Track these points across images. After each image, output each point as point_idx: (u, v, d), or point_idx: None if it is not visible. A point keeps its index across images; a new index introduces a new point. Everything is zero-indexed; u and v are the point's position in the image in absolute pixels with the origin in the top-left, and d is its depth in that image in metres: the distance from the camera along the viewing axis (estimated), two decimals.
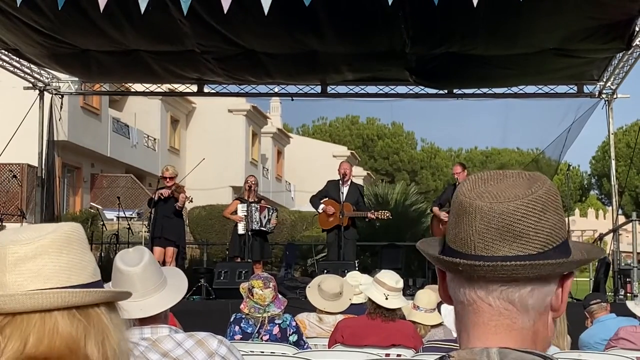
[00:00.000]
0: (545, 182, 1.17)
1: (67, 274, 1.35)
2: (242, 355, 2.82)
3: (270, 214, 11.55)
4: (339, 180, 11.37)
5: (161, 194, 11.41)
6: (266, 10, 6.11)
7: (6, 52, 11.56)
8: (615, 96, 12.40)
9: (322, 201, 11.47)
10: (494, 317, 1.13)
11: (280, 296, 5.76)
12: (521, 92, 12.70)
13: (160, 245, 11.35)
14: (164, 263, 10.96)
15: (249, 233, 11.21)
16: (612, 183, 12.87)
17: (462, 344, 1.16)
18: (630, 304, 6.39)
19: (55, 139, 13.20)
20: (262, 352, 5.00)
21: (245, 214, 11.29)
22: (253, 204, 11.34)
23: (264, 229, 11.44)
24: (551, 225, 1.15)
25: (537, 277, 1.13)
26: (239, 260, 11.30)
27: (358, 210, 11.37)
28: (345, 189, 11.30)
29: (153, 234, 11.47)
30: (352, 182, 11.70)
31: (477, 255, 1.13)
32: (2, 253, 1.33)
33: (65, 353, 1.30)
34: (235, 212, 11.50)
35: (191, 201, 12.16)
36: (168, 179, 11.55)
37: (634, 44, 10.12)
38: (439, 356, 1.15)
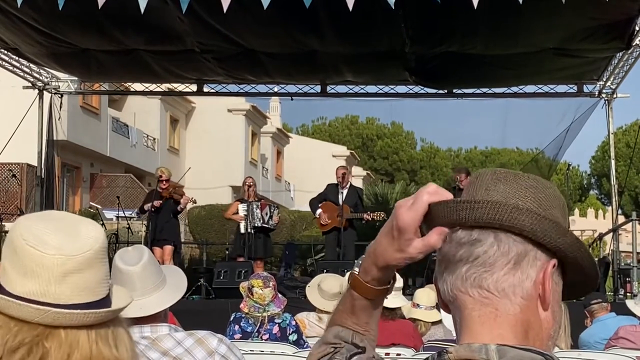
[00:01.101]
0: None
1: (101, 286, 1.40)
2: (242, 354, 2.81)
3: (271, 210, 11.59)
4: (338, 183, 11.40)
5: (153, 205, 11.36)
6: (265, 5, 6.07)
7: (5, 52, 11.55)
8: (615, 96, 12.38)
9: (320, 205, 11.50)
10: (477, 306, 1.15)
11: (280, 295, 5.76)
12: (521, 91, 12.68)
13: (158, 246, 11.36)
14: (162, 262, 10.96)
15: (251, 231, 11.22)
16: (612, 183, 12.84)
17: (458, 342, 1.17)
18: (629, 303, 6.38)
19: (54, 138, 13.18)
20: (262, 351, 5.00)
21: (246, 212, 11.31)
22: (254, 202, 11.37)
23: (267, 225, 11.46)
24: (547, 195, 1.16)
25: (516, 259, 1.13)
26: (241, 259, 11.31)
27: (355, 213, 11.41)
28: (344, 192, 11.32)
29: (153, 237, 11.49)
30: (351, 185, 11.73)
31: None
32: (51, 262, 1.34)
33: None
34: (236, 212, 11.51)
35: (194, 202, 12.17)
36: (164, 182, 11.57)
37: (634, 44, 10.12)
38: (437, 352, 1.15)
